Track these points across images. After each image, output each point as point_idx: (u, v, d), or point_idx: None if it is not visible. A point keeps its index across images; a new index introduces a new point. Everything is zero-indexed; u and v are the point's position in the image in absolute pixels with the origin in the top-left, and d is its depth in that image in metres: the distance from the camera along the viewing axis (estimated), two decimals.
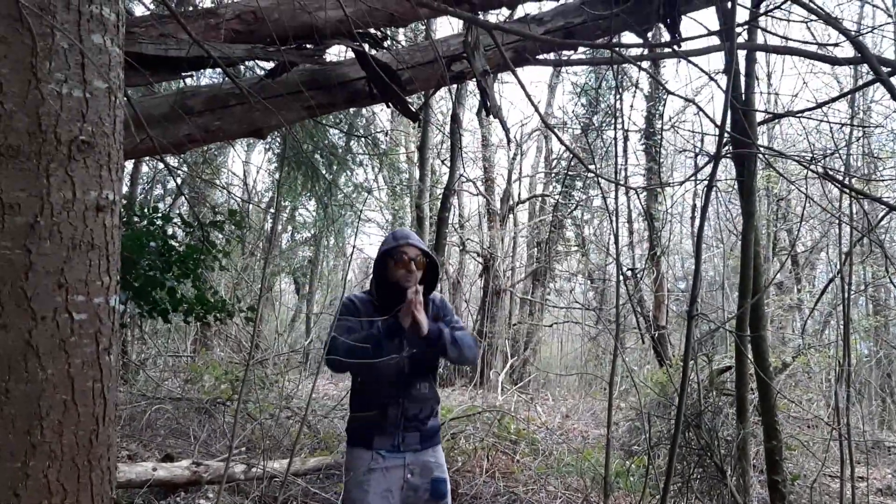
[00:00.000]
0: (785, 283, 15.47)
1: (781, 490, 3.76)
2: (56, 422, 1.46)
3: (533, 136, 18.31)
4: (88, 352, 1.51)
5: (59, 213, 1.48)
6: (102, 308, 1.55)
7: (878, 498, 8.01)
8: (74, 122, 1.51)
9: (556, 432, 8.84)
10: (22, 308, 1.44)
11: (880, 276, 12.47)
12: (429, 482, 3.08)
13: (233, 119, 2.68)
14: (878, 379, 13.61)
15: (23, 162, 1.45)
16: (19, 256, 1.44)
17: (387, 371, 3.02)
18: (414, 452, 3.09)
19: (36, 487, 1.43)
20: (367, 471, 3.00)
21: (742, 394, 3.85)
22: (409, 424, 3.07)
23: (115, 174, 1.59)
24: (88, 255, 1.52)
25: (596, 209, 16.91)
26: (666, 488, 1.81)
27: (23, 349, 1.43)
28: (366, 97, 2.90)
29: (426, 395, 3.13)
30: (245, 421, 7.46)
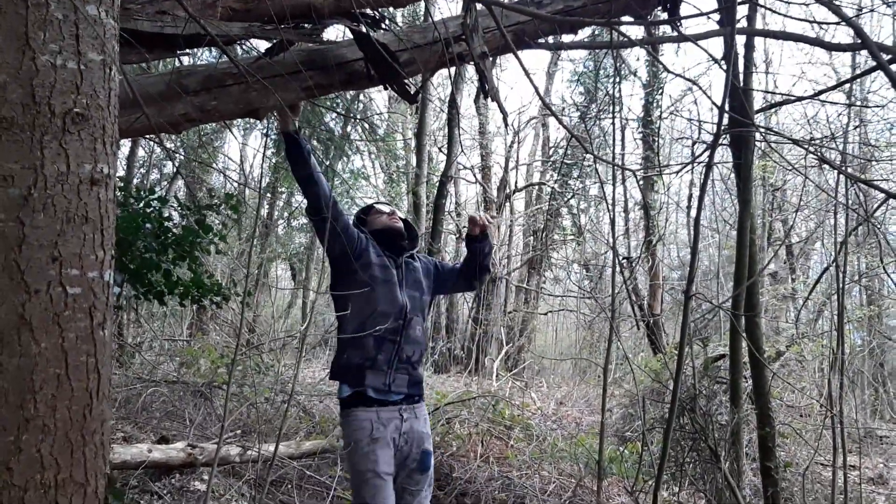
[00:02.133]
0: (779, 274, 15.50)
1: (774, 476, 3.77)
2: (49, 396, 1.45)
3: (531, 123, 18.27)
4: (82, 326, 1.50)
5: (52, 185, 1.47)
6: (97, 282, 1.54)
7: (870, 487, 8.06)
8: (68, 94, 1.50)
9: (550, 418, 8.87)
10: (15, 281, 1.43)
11: (874, 266, 12.50)
12: (419, 453, 3.11)
13: (229, 99, 2.66)
14: (871, 369, 13.67)
15: (16, 134, 1.44)
16: (12, 229, 1.43)
17: (388, 303, 3.10)
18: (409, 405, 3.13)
19: (28, 462, 1.42)
20: (371, 440, 3.01)
21: (736, 378, 3.86)
22: (401, 366, 3.11)
23: (110, 148, 1.57)
24: (83, 229, 1.51)
25: (592, 198, 16.90)
26: (661, 468, 1.81)
27: (16, 323, 1.42)
28: (363, 78, 2.87)
29: (420, 338, 3.20)
30: (241, 404, 7.47)
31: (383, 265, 3.18)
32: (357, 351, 3.07)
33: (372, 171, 18.04)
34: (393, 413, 3.07)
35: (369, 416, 3.03)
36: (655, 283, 12.57)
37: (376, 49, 2.71)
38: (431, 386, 10.10)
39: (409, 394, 3.14)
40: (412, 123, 16.06)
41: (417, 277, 3.29)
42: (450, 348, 15.24)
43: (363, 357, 3.06)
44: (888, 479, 8.71)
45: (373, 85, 2.94)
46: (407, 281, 3.22)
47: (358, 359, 3.07)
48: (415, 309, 3.20)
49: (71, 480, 1.47)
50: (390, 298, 3.12)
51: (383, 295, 3.12)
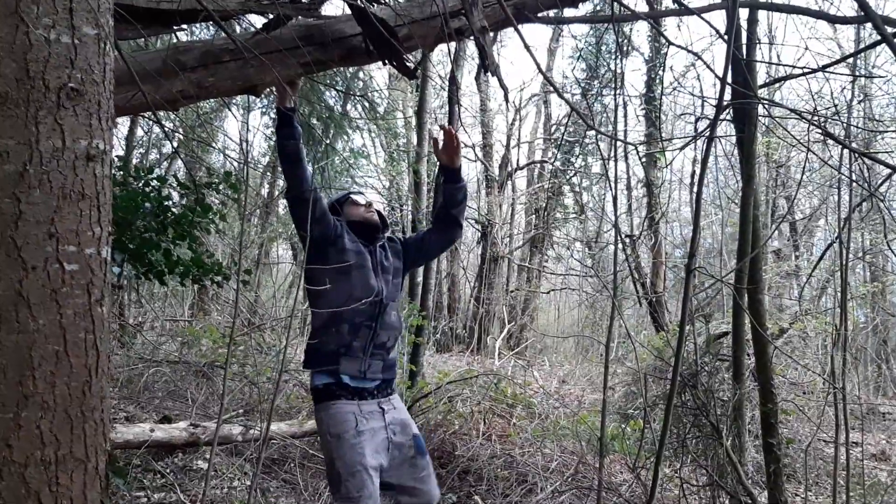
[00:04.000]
0: (783, 251, 15.48)
1: (776, 453, 3.78)
2: (48, 372, 1.45)
3: (532, 100, 18.18)
4: (80, 303, 1.50)
5: (48, 161, 1.46)
6: (94, 259, 1.53)
7: (872, 463, 8.09)
8: (63, 69, 1.48)
9: (552, 396, 8.89)
10: (12, 257, 1.42)
11: (878, 242, 12.48)
12: (411, 439, 3.09)
13: (227, 75, 2.64)
14: (874, 346, 13.69)
15: (10, 109, 1.42)
16: (8, 205, 1.42)
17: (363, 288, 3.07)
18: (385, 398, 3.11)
19: (28, 438, 1.42)
20: (356, 433, 2.96)
21: (738, 354, 3.85)
22: (376, 352, 3.08)
23: (106, 123, 1.56)
24: (79, 205, 1.50)
25: (594, 175, 16.85)
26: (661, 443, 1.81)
27: (13, 299, 1.42)
28: (362, 54, 2.85)
29: (395, 323, 3.16)
30: (243, 384, 7.50)
31: (358, 251, 3.16)
32: (331, 338, 3.03)
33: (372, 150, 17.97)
34: (373, 406, 3.05)
35: (352, 409, 2.98)
36: (658, 261, 12.56)
37: (374, 24, 2.68)
38: (433, 365, 10.13)
39: (383, 379, 3.13)
40: (412, 101, 15.97)
41: (390, 261, 3.28)
42: (452, 327, 15.26)
43: (338, 344, 3.02)
44: (890, 455, 8.75)
45: (371, 61, 2.91)
46: (382, 266, 3.21)
47: (332, 345, 3.03)
48: (390, 294, 3.17)
49: (71, 457, 1.46)
50: (365, 284, 3.09)
51: (358, 280, 3.09)
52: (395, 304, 3.19)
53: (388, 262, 3.25)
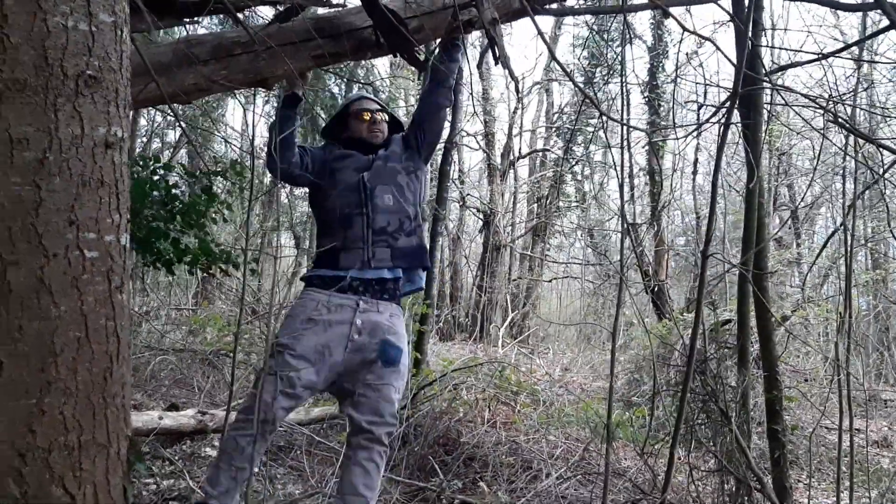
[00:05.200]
0: (784, 239, 15.49)
1: (781, 439, 3.80)
2: (70, 359, 1.46)
3: (534, 89, 18.14)
4: (101, 290, 1.51)
5: (67, 148, 1.46)
6: (114, 246, 1.54)
7: (874, 450, 8.13)
8: (81, 56, 1.49)
9: (556, 384, 8.92)
10: (33, 245, 1.43)
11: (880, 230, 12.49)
12: (378, 342, 2.87)
13: (238, 68, 2.64)
14: (876, 333, 13.72)
15: (30, 96, 1.43)
16: (29, 193, 1.43)
17: (347, 181, 2.97)
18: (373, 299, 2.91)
19: (51, 423, 1.43)
20: (305, 320, 2.83)
21: (743, 341, 3.87)
22: (377, 239, 2.93)
23: (123, 111, 1.56)
24: (98, 193, 1.51)
25: (596, 164, 16.84)
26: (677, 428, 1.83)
27: (35, 286, 1.43)
28: (373, 46, 2.84)
29: (391, 206, 2.99)
30: (248, 373, 7.53)
31: (342, 156, 3.06)
32: (328, 238, 2.95)
33: None
34: (347, 301, 2.87)
35: (318, 298, 2.86)
36: (661, 249, 12.56)
37: (385, 16, 2.67)
38: (437, 353, 10.16)
39: (391, 277, 2.97)
40: (415, 90, 15.95)
41: (389, 150, 3.13)
42: (454, 316, 15.29)
43: (334, 240, 2.93)
44: (892, 441, 8.79)
45: (382, 53, 2.92)
46: (375, 158, 3.06)
47: (329, 243, 2.93)
48: (377, 179, 3.01)
49: (94, 442, 1.48)
50: (347, 178, 2.99)
51: (342, 178, 3.00)
52: (386, 186, 3.01)
53: (381, 151, 3.10)
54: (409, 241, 3.01)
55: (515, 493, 5.46)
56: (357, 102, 3.13)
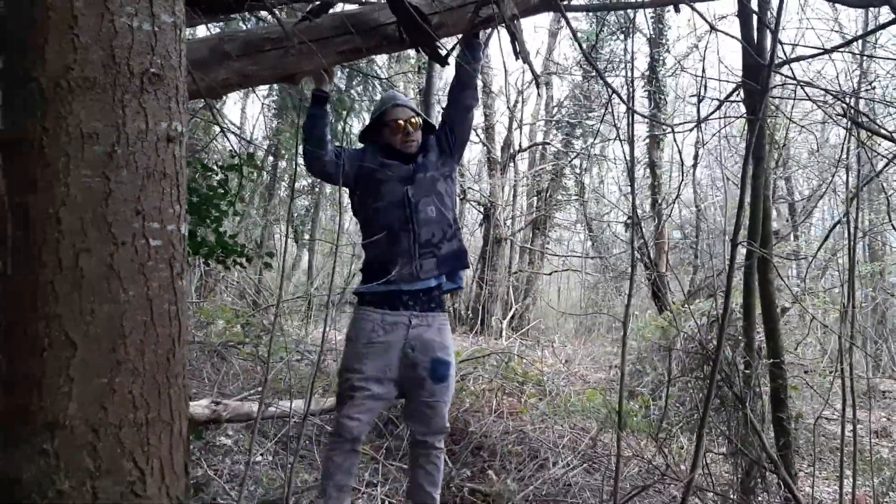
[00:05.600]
0: (781, 231, 15.60)
1: (786, 426, 3.90)
2: (138, 341, 1.54)
3: (534, 82, 18.17)
4: (164, 276, 1.59)
5: (133, 143, 1.55)
6: (175, 235, 1.62)
7: (874, 440, 8.25)
8: (145, 55, 1.57)
9: (561, 375, 9.03)
10: (103, 233, 1.51)
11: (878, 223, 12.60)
12: (429, 361, 3.07)
13: (267, 64, 2.72)
14: (874, 325, 13.84)
15: (99, 93, 1.51)
16: (99, 184, 1.51)
17: (391, 196, 3.11)
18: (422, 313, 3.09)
19: (121, 402, 1.52)
20: (366, 343, 3.03)
21: (750, 331, 3.96)
22: (423, 251, 3.09)
23: (182, 106, 1.65)
24: (161, 184, 1.59)
25: (595, 157, 16.91)
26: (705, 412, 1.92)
27: (105, 272, 1.51)
28: (396, 42, 2.93)
29: (434, 218, 3.14)
30: (255, 364, 7.63)
31: (385, 164, 3.18)
32: (376, 251, 3.10)
33: None
34: (400, 318, 3.06)
35: (373, 319, 3.05)
36: (661, 242, 12.66)
37: (409, 12, 2.75)
38: None
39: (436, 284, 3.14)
40: (415, 84, 15.99)
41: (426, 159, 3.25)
42: (455, 308, 15.37)
43: (383, 256, 3.08)
44: (891, 431, 8.92)
45: (405, 48, 3.00)
46: (415, 168, 3.19)
47: (378, 259, 3.09)
48: (420, 191, 3.15)
49: (159, 419, 1.57)
50: (391, 191, 3.13)
51: (387, 191, 3.13)
52: (428, 199, 3.15)
53: (420, 161, 3.23)
54: (450, 245, 3.19)
55: (524, 481, 5.56)
56: (391, 111, 3.24)
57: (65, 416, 1.47)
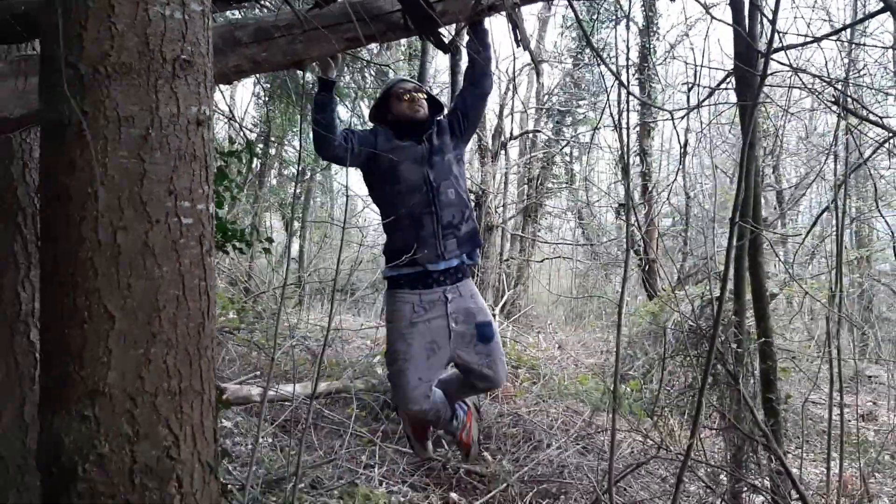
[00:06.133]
0: (769, 219, 15.74)
1: (775, 407, 4.01)
2: (171, 314, 1.63)
3: (525, 70, 18.23)
4: (194, 253, 1.68)
5: (166, 126, 1.63)
6: (204, 214, 1.71)
7: (860, 423, 8.43)
8: (176, 42, 1.65)
9: (553, 360, 9.15)
10: (139, 212, 1.60)
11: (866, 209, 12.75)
12: (473, 327, 3.24)
13: (277, 50, 2.79)
14: (860, 311, 14.02)
15: (134, 78, 1.59)
16: (135, 165, 1.60)
17: (411, 179, 3.23)
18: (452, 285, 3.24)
19: (157, 371, 1.61)
20: (409, 324, 3.17)
21: (740, 312, 4.06)
22: (446, 232, 3.22)
23: (210, 91, 1.73)
24: (192, 166, 1.68)
25: (586, 145, 16.99)
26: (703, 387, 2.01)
27: (141, 249, 1.60)
28: (401, 29, 3.00)
29: (454, 200, 3.27)
30: (250, 349, 7.71)
31: (399, 147, 3.28)
32: (399, 234, 3.22)
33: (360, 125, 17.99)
34: (435, 295, 3.21)
35: (411, 300, 3.19)
36: (651, 229, 12.78)
37: (414, 0, 2.83)
38: None
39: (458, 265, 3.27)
40: (406, 70, 16.01)
41: (438, 141, 3.35)
42: None
43: (408, 239, 3.19)
44: (877, 415, 9.10)
45: (409, 35, 3.07)
46: (431, 149, 3.30)
47: (402, 242, 3.20)
48: (440, 175, 3.27)
49: (191, 388, 1.65)
50: (410, 174, 3.23)
51: (405, 174, 3.24)
52: (449, 181, 3.28)
53: (436, 143, 3.33)
54: (467, 226, 3.32)
55: (518, 462, 5.68)
56: (397, 85, 3.40)
57: (104, 384, 1.56)
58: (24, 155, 2.91)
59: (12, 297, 2.92)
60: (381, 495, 4.88)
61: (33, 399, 2.89)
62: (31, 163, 2.94)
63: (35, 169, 2.93)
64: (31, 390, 2.90)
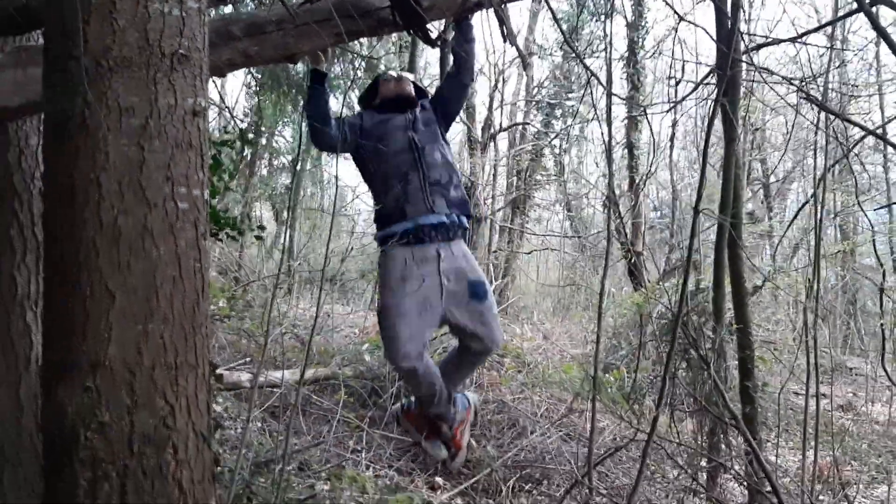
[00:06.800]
0: (756, 213, 15.92)
1: (751, 395, 4.14)
2: (168, 293, 1.74)
3: (514, 62, 18.32)
4: (190, 236, 1.79)
5: (164, 116, 1.74)
6: (199, 199, 1.82)
7: (839, 413, 8.61)
8: (174, 38, 1.76)
9: (537, 350, 9.28)
10: (138, 197, 1.71)
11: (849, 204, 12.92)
12: (466, 285, 3.31)
13: (269, 44, 2.89)
14: (843, 305, 14.21)
15: (134, 71, 1.70)
16: (135, 153, 1.70)
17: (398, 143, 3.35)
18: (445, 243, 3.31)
19: (154, 346, 1.72)
20: (400, 279, 3.23)
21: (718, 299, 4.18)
22: (433, 188, 3.31)
23: (205, 84, 1.84)
24: (188, 154, 1.78)
25: (575, 137, 17.12)
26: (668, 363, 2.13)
27: (141, 231, 1.71)
28: (389, 24, 3.11)
29: (441, 161, 3.39)
30: (240, 337, 7.80)
31: (384, 119, 3.43)
32: (389, 194, 3.31)
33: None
34: (428, 252, 3.28)
35: (403, 255, 3.26)
36: (637, 222, 12.91)
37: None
38: None
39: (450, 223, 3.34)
40: (396, 64, 16.07)
41: (422, 114, 3.49)
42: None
43: (396, 197, 3.29)
44: (856, 406, 9.29)
45: (398, 30, 3.17)
46: (413, 120, 3.43)
47: (392, 200, 3.30)
48: (425, 139, 3.39)
49: (186, 363, 1.77)
50: (397, 139, 3.37)
51: (392, 140, 3.36)
52: (434, 145, 3.39)
53: (419, 115, 3.47)
54: (457, 192, 3.42)
55: (502, 448, 5.80)
56: (384, 74, 3.59)
57: (105, 357, 1.67)
58: (20, 142, 3.00)
59: (9, 280, 3.01)
60: (368, 478, 5.01)
61: (28, 380, 2.99)
62: (27, 150, 3.03)
63: (31, 156, 3.02)
64: (26, 371, 3.00)
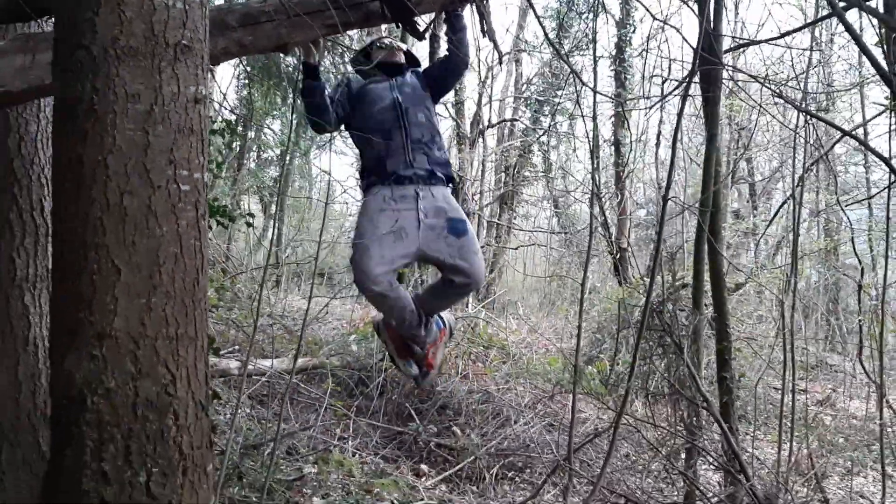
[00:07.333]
0: (741, 211, 16.09)
1: (728, 385, 4.28)
2: (170, 269, 1.85)
3: (505, 59, 18.41)
4: (191, 216, 1.90)
5: (168, 103, 1.85)
6: (199, 182, 1.93)
7: (818, 408, 8.78)
8: (178, 29, 1.87)
9: (522, 343, 9.41)
10: (143, 179, 1.82)
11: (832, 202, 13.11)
12: (444, 221, 3.31)
13: (263, 35, 2.99)
14: (826, 303, 14.38)
15: (140, 60, 1.81)
16: (140, 137, 1.82)
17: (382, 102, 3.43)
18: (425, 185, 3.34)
19: (157, 319, 1.83)
20: (377, 210, 3.28)
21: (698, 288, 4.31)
22: (415, 146, 3.37)
23: (206, 73, 1.95)
24: (189, 139, 1.90)
25: (563, 134, 17.24)
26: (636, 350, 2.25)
27: (145, 212, 1.82)
28: (379, 17, 3.21)
29: (424, 122, 3.44)
30: (228, 327, 7.90)
31: (371, 82, 3.52)
32: (372, 151, 3.39)
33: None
34: (407, 191, 3.31)
35: (383, 192, 3.32)
36: (623, 218, 13.05)
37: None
38: None
39: (430, 171, 3.37)
40: None
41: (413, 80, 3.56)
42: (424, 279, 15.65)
43: (377, 152, 3.36)
44: (835, 402, 9.46)
45: (386, 22, 3.28)
46: (398, 82, 3.51)
47: (374, 155, 3.38)
48: (409, 100, 3.45)
49: (186, 335, 1.88)
50: (381, 98, 3.44)
51: (377, 98, 3.45)
52: (418, 107, 3.46)
53: (408, 79, 3.55)
54: (440, 154, 3.47)
55: (486, 437, 5.94)
56: (380, 39, 3.68)
57: (111, 328, 1.78)
58: (20, 129, 3.10)
59: (8, 263, 3.10)
60: (354, 463, 5.13)
61: (27, 360, 3.09)
62: (27, 137, 3.13)
63: (30, 143, 3.12)
64: (24, 351, 3.10)
